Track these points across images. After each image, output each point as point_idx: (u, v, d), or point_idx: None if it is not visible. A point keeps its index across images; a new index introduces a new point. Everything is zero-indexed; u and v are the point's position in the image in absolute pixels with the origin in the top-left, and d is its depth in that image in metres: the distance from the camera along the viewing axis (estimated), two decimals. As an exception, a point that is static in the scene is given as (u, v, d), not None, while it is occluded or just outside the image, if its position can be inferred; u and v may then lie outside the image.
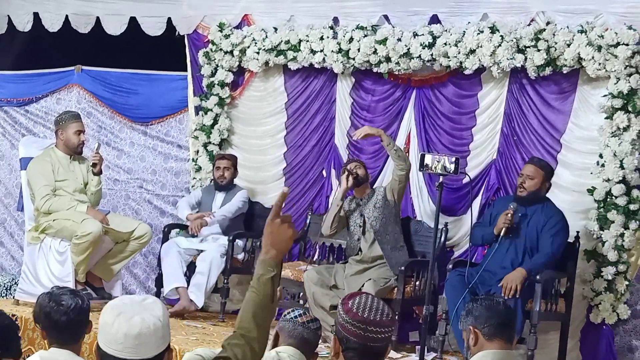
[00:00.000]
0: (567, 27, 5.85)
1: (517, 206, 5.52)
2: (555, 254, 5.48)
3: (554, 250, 5.46)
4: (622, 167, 5.65)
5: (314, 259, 6.63)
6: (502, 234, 5.50)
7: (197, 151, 7.34)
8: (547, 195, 5.67)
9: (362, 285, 5.75)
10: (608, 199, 5.72)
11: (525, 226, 5.57)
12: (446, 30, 6.20)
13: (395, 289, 5.81)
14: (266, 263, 2.42)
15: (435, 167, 4.86)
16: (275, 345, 3.39)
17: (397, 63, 6.38)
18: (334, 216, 6.11)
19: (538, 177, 5.55)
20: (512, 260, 5.53)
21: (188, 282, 6.57)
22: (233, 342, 2.37)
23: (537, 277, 5.33)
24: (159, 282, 6.76)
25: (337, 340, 2.75)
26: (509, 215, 5.49)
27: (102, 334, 2.26)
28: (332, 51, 6.62)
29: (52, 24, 7.93)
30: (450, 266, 5.64)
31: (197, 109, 7.37)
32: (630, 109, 5.63)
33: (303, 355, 3.40)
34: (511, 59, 5.94)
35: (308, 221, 6.79)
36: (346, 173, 6.03)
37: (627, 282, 5.73)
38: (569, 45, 5.79)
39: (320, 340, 3.59)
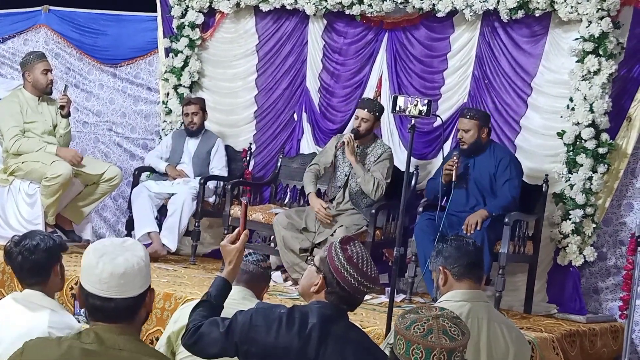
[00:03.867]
0: (540, -31, 5.82)
1: (459, 154, 5.62)
2: (514, 199, 5.56)
3: (512, 194, 5.55)
4: (591, 110, 5.68)
5: (285, 202, 6.63)
6: (453, 180, 5.53)
7: (168, 94, 7.26)
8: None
9: (334, 231, 5.75)
10: (577, 143, 5.75)
11: (475, 173, 5.65)
12: (419, -28, 6.15)
13: (366, 232, 5.83)
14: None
15: (408, 110, 4.84)
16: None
17: (370, 5, 6.33)
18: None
19: (473, 128, 5.63)
20: (474, 206, 5.62)
21: (159, 226, 6.56)
22: None
23: (506, 219, 5.40)
24: (129, 225, 6.74)
25: (324, 280, 2.78)
26: (453, 162, 5.54)
27: (86, 274, 2.37)
28: (304, -8, 6.55)
29: (18, -37, 7.78)
30: (421, 209, 5.68)
31: (167, 50, 7.28)
32: (601, 52, 5.64)
33: (250, 291, 3.59)
34: (484, 1, 5.91)
35: (279, 164, 6.78)
36: (341, 140, 5.88)
37: (594, 225, 5.79)
38: (541, -12, 5.78)
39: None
